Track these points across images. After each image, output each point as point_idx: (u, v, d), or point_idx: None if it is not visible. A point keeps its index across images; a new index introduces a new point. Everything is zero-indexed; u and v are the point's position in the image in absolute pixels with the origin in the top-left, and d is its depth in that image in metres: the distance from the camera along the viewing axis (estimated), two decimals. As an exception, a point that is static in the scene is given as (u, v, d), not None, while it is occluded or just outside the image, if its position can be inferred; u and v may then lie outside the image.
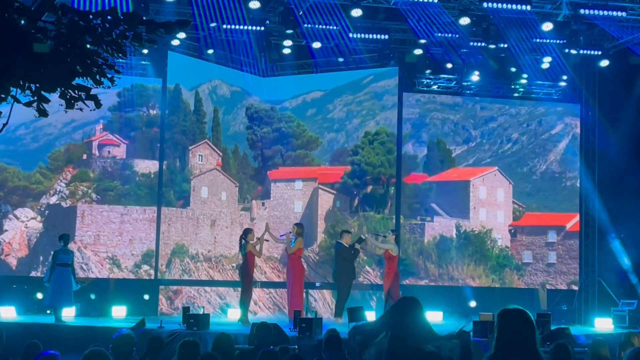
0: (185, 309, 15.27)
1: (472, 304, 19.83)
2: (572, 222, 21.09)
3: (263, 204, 20.67)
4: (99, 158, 19.35)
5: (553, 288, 20.85)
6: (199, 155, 20.16)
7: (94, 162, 19.31)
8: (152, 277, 19.23)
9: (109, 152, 19.47)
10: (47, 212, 18.95)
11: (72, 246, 17.74)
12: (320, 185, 20.81)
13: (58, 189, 18.99)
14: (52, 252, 16.48)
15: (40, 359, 7.48)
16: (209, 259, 20.07)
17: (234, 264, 20.00)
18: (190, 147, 20.13)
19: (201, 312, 14.89)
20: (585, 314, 19.98)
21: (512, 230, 21.04)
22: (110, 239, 18.76)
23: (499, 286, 20.76)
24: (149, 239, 19.23)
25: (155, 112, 19.71)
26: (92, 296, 18.36)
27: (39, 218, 18.91)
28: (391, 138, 20.80)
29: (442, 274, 19.99)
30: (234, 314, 17.59)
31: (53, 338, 13.08)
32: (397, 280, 17.04)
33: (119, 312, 17.45)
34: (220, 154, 20.53)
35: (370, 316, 18.66)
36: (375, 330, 5.55)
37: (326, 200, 20.75)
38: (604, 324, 17.94)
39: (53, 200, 18.98)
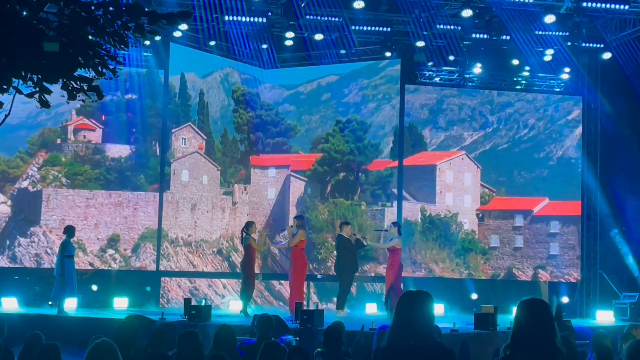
0: (187, 301, 15.27)
1: (474, 296, 19.84)
2: (540, 206, 21.06)
3: (245, 189, 20.63)
4: (71, 142, 19.29)
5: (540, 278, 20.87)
6: (182, 138, 20.06)
7: (66, 147, 19.26)
8: (119, 262, 19.17)
9: (84, 136, 19.40)
10: (17, 196, 18.94)
11: (36, 230, 17.81)
12: (292, 173, 20.96)
13: (30, 174, 18.98)
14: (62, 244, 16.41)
15: (42, 350, 7.50)
16: (189, 244, 19.96)
17: (214, 249, 19.96)
18: (172, 130, 19.98)
19: (203, 304, 14.89)
20: (587, 307, 19.98)
21: (480, 215, 21.03)
22: (76, 223, 18.57)
23: (464, 271, 20.74)
24: (114, 223, 19.14)
25: (129, 96, 19.58)
26: (94, 287, 18.40)
27: (9, 202, 18.88)
28: (361, 126, 20.90)
29: (404, 258, 19.79)
30: (234, 305, 17.60)
31: (55, 329, 13.11)
32: (400, 273, 17.02)
33: (120, 303, 17.47)
34: (205, 137, 20.42)
35: (371, 308, 18.70)
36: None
37: (297, 187, 20.90)
38: (605, 317, 17.96)
39: (25, 184, 18.95)
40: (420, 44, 19.71)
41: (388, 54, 20.34)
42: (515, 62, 20.22)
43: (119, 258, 19.26)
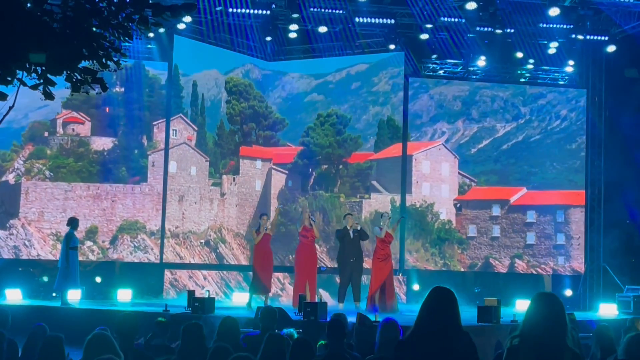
0: (191, 293, 15.28)
1: (477, 289, 19.85)
2: (517, 196, 21.13)
3: (234, 179, 20.59)
4: (58, 136, 19.31)
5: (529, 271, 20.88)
6: (173, 130, 19.94)
7: (52, 140, 19.28)
8: (97, 254, 19.15)
9: (73, 129, 19.40)
10: None
11: (15, 223, 17.96)
12: (273, 166, 21.03)
13: (16, 166, 19.03)
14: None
15: (45, 341, 7.51)
16: (177, 236, 19.90)
17: (202, 240, 19.96)
18: (154, 123, 19.86)
19: (206, 296, 14.89)
20: (590, 300, 19.98)
21: (458, 205, 21.05)
22: (54, 216, 18.66)
23: (439, 261, 20.74)
24: (92, 215, 19.07)
25: (115, 90, 19.49)
26: (98, 279, 18.45)
27: None
28: (341, 120, 21.06)
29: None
30: (237, 297, 17.61)
31: (59, 321, 13.12)
32: (381, 264, 16.77)
33: (124, 295, 17.49)
34: (196, 128, 20.32)
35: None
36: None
37: (279, 180, 21.01)
38: (608, 310, 17.95)
39: (10, 177, 18.98)
40: (424, 36, 19.71)
41: (392, 46, 20.34)
42: (520, 54, 20.18)
43: (97, 250, 19.23)
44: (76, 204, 19.10)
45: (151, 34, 18.29)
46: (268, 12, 19.12)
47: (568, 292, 20.06)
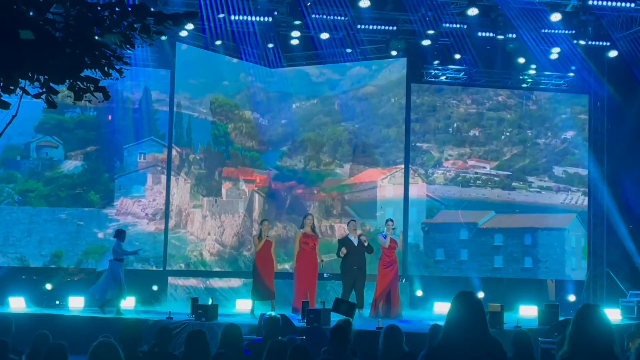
0: (194, 300, 15.29)
1: (480, 294, 19.83)
2: (484, 219, 21.04)
3: (216, 201, 20.50)
4: (28, 160, 19.23)
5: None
6: (141, 153, 19.79)
7: (23, 164, 19.20)
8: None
9: (47, 153, 19.38)
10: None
11: None
12: (255, 188, 20.92)
13: None
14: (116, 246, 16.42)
15: (49, 349, 7.53)
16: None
17: (182, 264, 19.90)
18: (126, 146, 19.74)
19: (209, 303, 14.90)
20: (594, 305, 19.93)
21: (426, 228, 20.95)
22: (19, 240, 18.70)
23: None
24: (58, 239, 18.95)
25: (91, 113, 19.48)
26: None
27: None
28: (314, 145, 21.05)
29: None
30: (241, 305, 17.60)
31: (62, 329, 13.16)
32: (386, 271, 16.93)
33: (127, 302, 17.49)
34: (179, 150, 20.07)
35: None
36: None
37: (258, 202, 20.89)
38: (612, 315, 17.90)
39: None
40: (426, 42, 19.72)
41: (394, 52, 20.35)
42: (522, 60, 20.20)
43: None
44: (42, 228, 19.07)
45: (152, 42, 18.27)
46: (270, 18, 19.16)
47: (571, 298, 20.05)
